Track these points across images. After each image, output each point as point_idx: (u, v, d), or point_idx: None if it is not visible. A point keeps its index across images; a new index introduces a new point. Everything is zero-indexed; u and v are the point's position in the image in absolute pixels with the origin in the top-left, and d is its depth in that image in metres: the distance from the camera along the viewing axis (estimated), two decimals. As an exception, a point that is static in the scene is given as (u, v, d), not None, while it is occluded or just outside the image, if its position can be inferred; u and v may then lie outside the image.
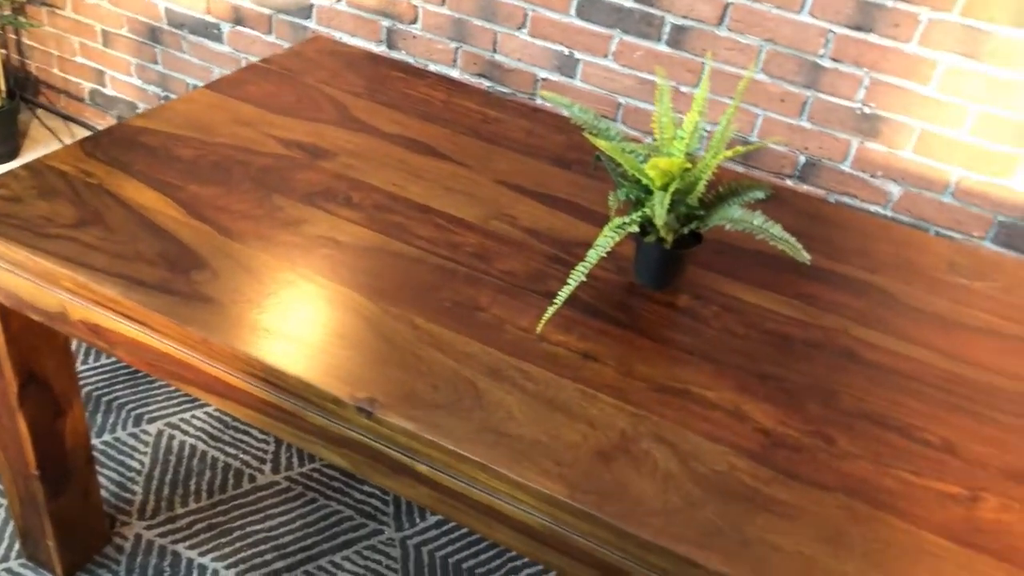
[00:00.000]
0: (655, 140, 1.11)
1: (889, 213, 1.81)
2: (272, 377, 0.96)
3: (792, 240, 0.98)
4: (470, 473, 0.89)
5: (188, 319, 0.99)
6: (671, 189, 1.04)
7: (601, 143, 1.05)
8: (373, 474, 0.96)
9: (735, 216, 1.03)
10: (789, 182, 1.87)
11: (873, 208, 1.81)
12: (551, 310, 1.03)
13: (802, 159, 1.83)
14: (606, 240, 1.04)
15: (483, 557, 1.56)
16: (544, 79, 1.99)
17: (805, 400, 1.02)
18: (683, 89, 1.87)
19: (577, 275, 1.03)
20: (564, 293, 1.03)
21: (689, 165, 1.06)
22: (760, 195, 1.07)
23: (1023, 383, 1.10)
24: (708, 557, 0.81)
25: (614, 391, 0.99)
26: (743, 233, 1.32)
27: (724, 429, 0.96)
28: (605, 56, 1.90)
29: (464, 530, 1.60)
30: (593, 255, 1.04)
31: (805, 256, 0.97)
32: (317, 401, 0.95)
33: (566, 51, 1.93)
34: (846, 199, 1.83)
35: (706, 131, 1.89)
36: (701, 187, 1.05)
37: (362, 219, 1.20)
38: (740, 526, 0.85)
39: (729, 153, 1.06)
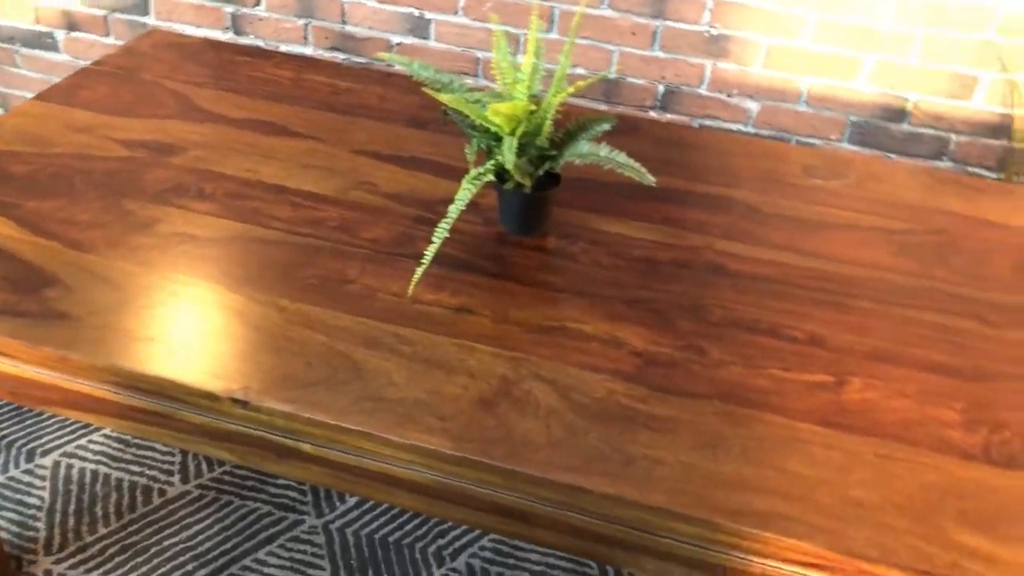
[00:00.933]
0: (499, 87, 1.11)
1: (750, 129, 1.86)
2: (143, 384, 0.94)
3: (636, 165, 1.00)
4: (355, 443, 0.89)
5: (42, 339, 0.95)
6: (518, 133, 1.04)
7: (443, 97, 1.04)
8: (261, 462, 0.95)
9: (583, 151, 1.04)
10: (652, 113, 1.90)
11: (735, 127, 1.87)
12: (419, 271, 1.02)
13: (661, 88, 1.86)
14: (464, 193, 1.04)
15: (408, 528, 1.57)
16: (398, 44, 1.96)
17: (675, 318, 1.05)
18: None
19: (440, 232, 1.03)
20: (430, 252, 1.03)
21: (534, 107, 1.07)
22: (606, 126, 1.09)
23: (878, 270, 1.16)
24: (594, 481, 0.83)
25: (491, 340, 0.99)
26: (604, 168, 1.34)
27: (600, 358, 0.98)
28: (455, 13, 1.89)
29: (385, 504, 1.60)
30: (453, 210, 1.03)
31: (650, 179, 0.99)
32: (192, 400, 0.93)
33: (416, 12, 1.91)
34: (708, 122, 1.88)
35: (566, 78, 1.90)
36: (547, 127, 1.06)
37: (217, 210, 1.17)
38: (622, 447, 0.87)
39: (571, 90, 1.06)
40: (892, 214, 1.28)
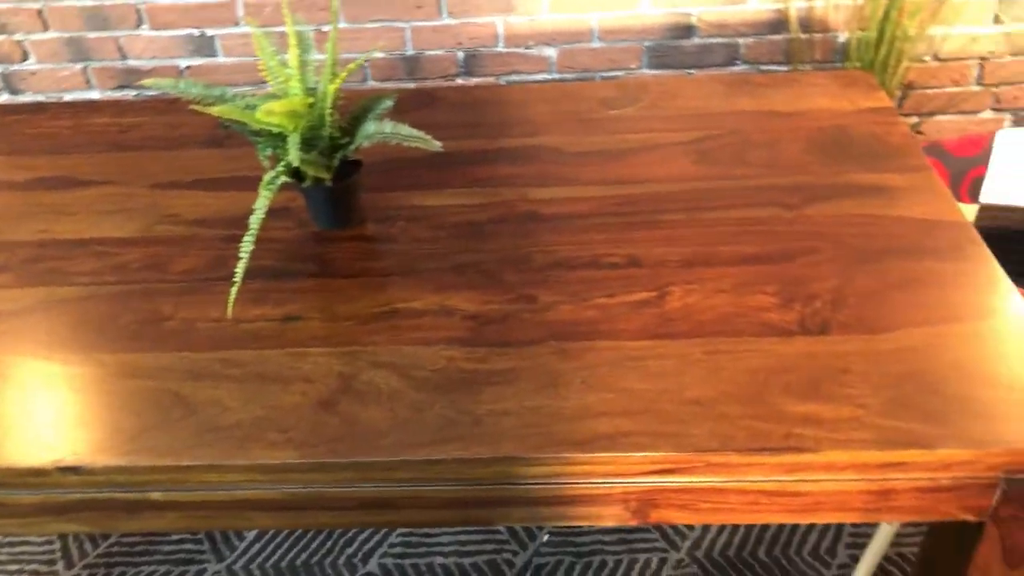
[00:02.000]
0: (273, 88, 1.09)
1: (555, 76, 1.90)
2: (-36, 479, 0.88)
3: (420, 134, 1.00)
4: (202, 479, 0.86)
5: None
6: (300, 128, 1.02)
7: (215, 110, 1.01)
8: (114, 524, 0.91)
9: (370, 131, 1.03)
10: (460, 80, 1.91)
11: (540, 76, 1.90)
12: (233, 290, 1.00)
13: (461, 55, 1.87)
14: (262, 202, 1.02)
15: (313, 546, 1.55)
16: (187, 67, 1.89)
17: (502, 273, 1.06)
18: (324, 29, 1.85)
19: (246, 247, 1.01)
20: (240, 269, 1.00)
21: (311, 99, 1.05)
22: (389, 103, 1.08)
23: (683, 182, 1.21)
24: (445, 450, 0.84)
25: (323, 340, 0.98)
26: (409, 146, 1.34)
27: (434, 330, 0.98)
28: (236, 24, 1.83)
29: (285, 531, 1.57)
30: (254, 221, 1.01)
31: (436, 145, 1.00)
32: (21, 481, 0.88)
33: (197, 32, 1.84)
34: (515, 77, 1.90)
35: (367, 64, 1.88)
36: (329, 116, 1.05)
37: (13, 280, 1.10)
38: (469, 409, 0.88)
39: (343, 75, 1.05)
40: (689, 126, 1.34)
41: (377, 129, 1.03)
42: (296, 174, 1.11)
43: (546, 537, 1.56)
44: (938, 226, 1.09)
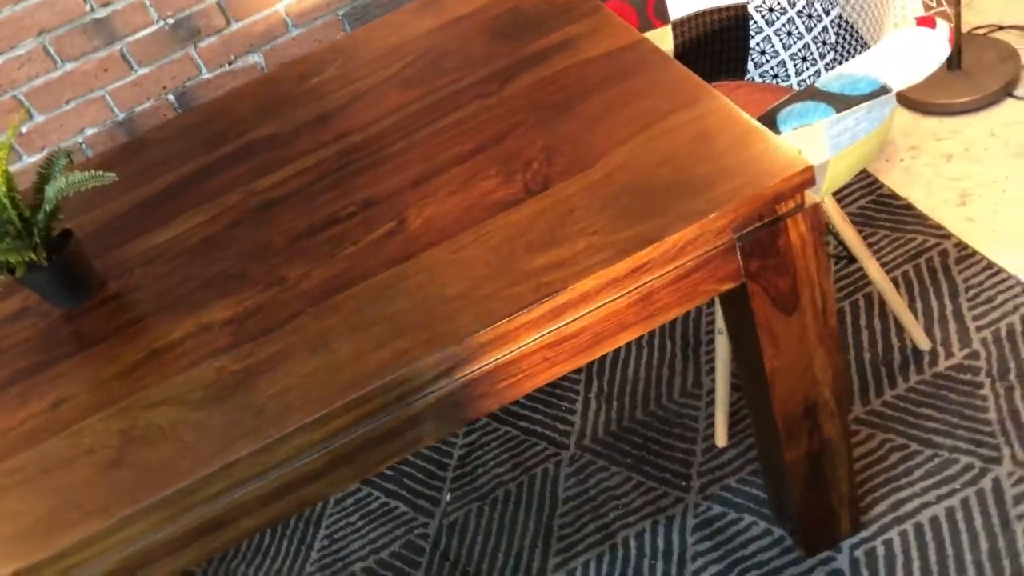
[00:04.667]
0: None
1: (270, 78, 1.88)
2: None
3: (92, 173, 0.98)
4: (18, 591, 0.83)
5: None
6: (-19, 223, 0.98)
7: None
8: None
9: (50, 195, 1.00)
10: (182, 121, 1.86)
11: (257, 84, 1.87)
12: (-14, 404, 0.95)
13: (171, 97, 1.82)
14: (-22, 309, 0.97)
15: (233, 613, 1.51)
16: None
17: (247, 271, 1.05)
18: (24, 130, 1.76)
19: (-20, 358, 0.96)
20: (-16, 381, 0.95)
21: (-17, 191, 1.00)
22: (63, 161, 1.05)
23: (395, 113, 1.22)
24: (237, 449, 0.83)
25: (94, 408, 0.95)
26: (117, 200, 1.30)
27: (197, 350, 0.97)
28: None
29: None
30: (-22, 330, 0.96)
31: (111, 176, 0.98)
32: None
33: None
34: (233, 95, 1.87)
35: (84, 143, 1.80)
36: (8, 201, 1.01)
37: None
38: (249, 403, 0.87)
39: (3, 153, 1.01)
40: (386, 64, 1.35)
41: (55, 189, 0.99)
42: (10, 270, 1.06)
43: (448, 496, 1.57)
44: (620, 53, 1.15)
